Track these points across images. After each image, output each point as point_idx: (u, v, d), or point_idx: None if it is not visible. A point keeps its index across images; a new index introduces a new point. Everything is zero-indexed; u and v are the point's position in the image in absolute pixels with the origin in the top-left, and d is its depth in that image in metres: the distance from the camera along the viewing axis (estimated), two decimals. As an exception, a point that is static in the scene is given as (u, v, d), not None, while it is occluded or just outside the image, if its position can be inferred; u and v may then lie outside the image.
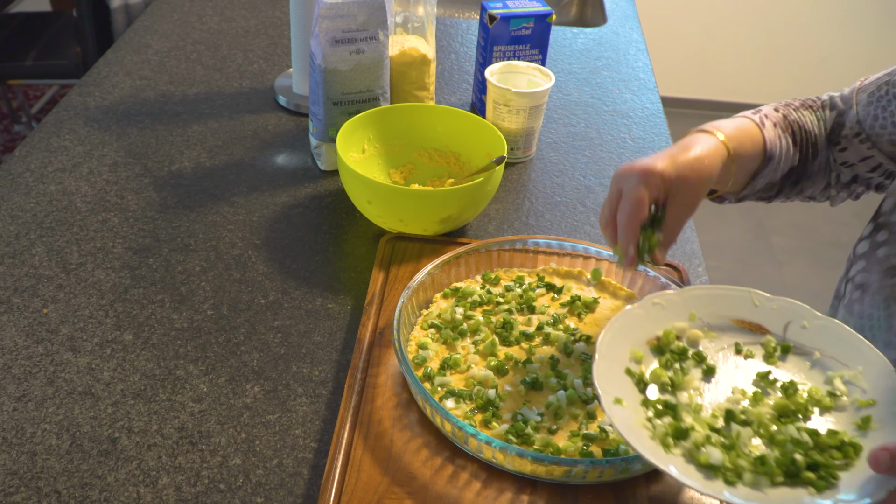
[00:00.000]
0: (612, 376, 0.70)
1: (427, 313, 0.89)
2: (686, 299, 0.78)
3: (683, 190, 0.77)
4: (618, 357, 0.73)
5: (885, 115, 0.86)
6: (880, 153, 0.89)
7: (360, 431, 0.76)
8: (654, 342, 0.75)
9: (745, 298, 0.79)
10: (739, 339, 0.77)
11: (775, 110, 0.92)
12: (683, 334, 0.77)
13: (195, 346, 0.87)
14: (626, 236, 0.76)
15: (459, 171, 1.12)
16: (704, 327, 0.77)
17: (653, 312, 0.77)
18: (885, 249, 0.80)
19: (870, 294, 0.79)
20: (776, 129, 0.88)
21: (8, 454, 0.75)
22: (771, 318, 0.78)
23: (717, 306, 0.78)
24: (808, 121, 0.92)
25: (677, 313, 0.77)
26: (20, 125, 3.06)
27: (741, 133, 0.84)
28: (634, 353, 0.74)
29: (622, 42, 1.61)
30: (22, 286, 0.93)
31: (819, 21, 3.34)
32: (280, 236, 1.03)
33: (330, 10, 1.02)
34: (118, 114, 1.25)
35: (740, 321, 0.78)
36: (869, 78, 0.92)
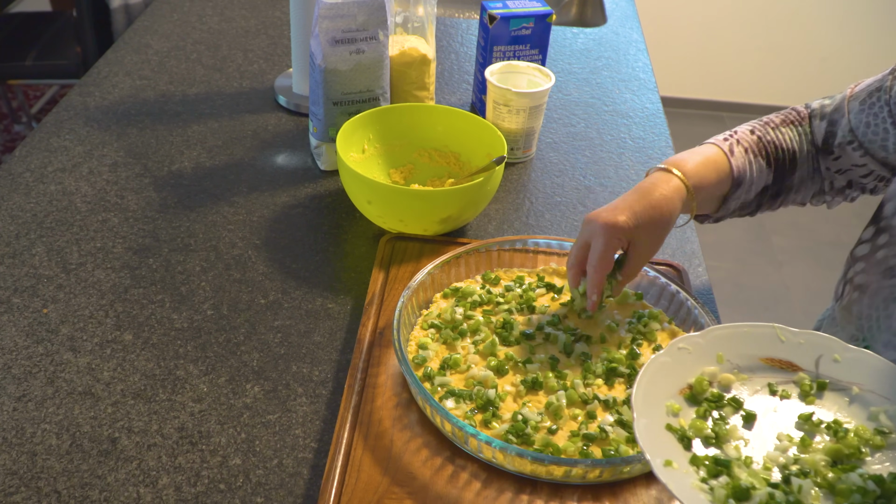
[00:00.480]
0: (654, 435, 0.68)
1: (427, 313, 0.89)
2: (710, 341, 0.76)
3: (644, 237, 0.83)
4: (655, 413, 0.70)
5: (876, 121, 0.87)
6: (873, 160, 0.89)
7: (360, 431, 0.76)
8: (686, 391, 0.73)
9: (771, 335, 0.77)
10: (772, 379, 0.75)
11: (751, 132, 0.93)
12: (715, 379, 0.74)
13: (195, 346, 0.87)
14: (593, 286, 0.83)
15: (459, 171, 1.12)
16: (734, 369, 0.75)
17: (680, 359, 0.74)
18: (885, 251, 0.80)
19: (868, 295, 0.79)
20: (747, 155, 0.90)
21: (8, 454, 0.75)
22: (800, 354, 0.76)
23: (744, 345, 0.76)
24: (786, 139, 0.93)
25: (704, 357, 0.75)
26: (20, 125, 3.06)
27: (704, 167, 0.87)
28: (671, 406, 0.71)
29: (622, 42, 1.61)
30: (22, 286, 0.93)
31: (819, 21, 3.34)
32: (280, 236, 1.03)
33: (330, 10, 1.02)
34: (118, 114, 1.25)
35: (769, 359, 0.76)
36: (859, 85, 0.92)
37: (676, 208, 0.84)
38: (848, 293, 0.83)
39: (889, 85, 0.86)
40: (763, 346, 0.77)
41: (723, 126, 3.55)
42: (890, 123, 0.85)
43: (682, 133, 3.45)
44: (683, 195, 0.85)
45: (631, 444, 0.75)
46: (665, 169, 0.86)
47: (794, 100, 3.50)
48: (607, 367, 0.82)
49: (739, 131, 0.93)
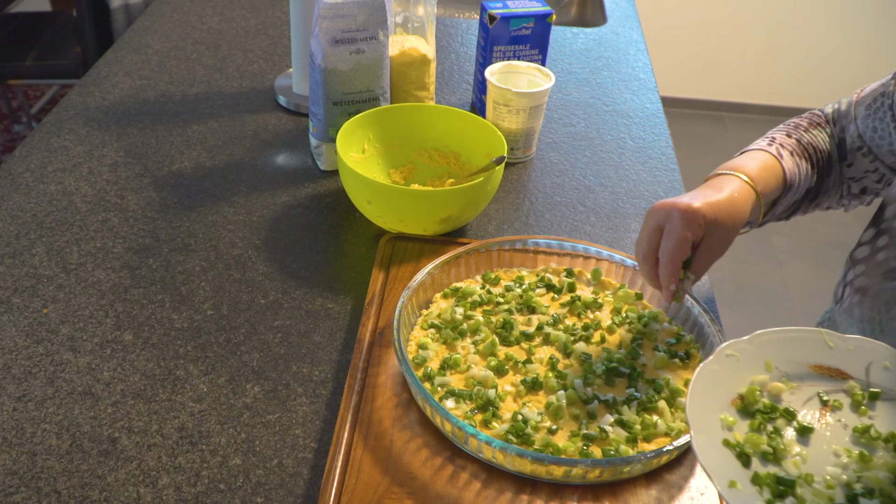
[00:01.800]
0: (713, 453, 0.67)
1: (427, 313, 0.89)
2: (758, 346, 0.75)
3: (717, 233, 0.79)
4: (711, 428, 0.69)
5: (882, 126, 0.87)
6: (883, 165, 0.90)
7: (360, 431, 0.76)
8: (738, 402, 0.72)
9: (818, 340, 0.76)
10: (821, 388, 0.74)
11: (787, 136, 0.92)
12: (765, 388, 0.73)
13: (195, 346, 0.87)
14: (669, 274, 0.78)
15: (459, 171, 1.12)
16: (783, 377, 0.74)
17: (728, 366, 0.73)
18: (885, 253, 0.80)
19: (870, 297, 0.79)
20: (794, 158, 0.89)
21: (8, 454, 0.75)
22: (849, 361, 0.75)
23: (791, 351, 0.75)
24: (820, 140, 0.92)
25: (752, 364, 0.74)
26: (20, 125, 3.06)
27: (765, 172, 0.85)
28: (725, 419, 0.70)
29: (622, 42, 1.61)
30: (22, 286, 0.93)
31: (819, 21, 3.34)
32: (280, 236, 1.03)
33: (330, 10, 1.02)
34: (118, 114, 1.25)
35: (818, 367, 0.75)
36: (865, 89, 0.92)
37: (747, 210, 0.81)
38: (849, 296, 0.83)
39: (892, 90, 0.86)
40: (811, 353, 0.75)
41: (723, 126, 3.55)
42: (893, 128, 0.85)
43: (682, 133, 3.45)
44: (752, 199, 0.82)
45: (631, 444, 0.75)
46: (732, 174, 0.83)
47: (793, 100, 3.50)
48: (607, 367, 0.82)
49: (778, 136, 0.92)
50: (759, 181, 0.84)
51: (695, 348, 0.86)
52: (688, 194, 0.80)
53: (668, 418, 0.78)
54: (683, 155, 1.94)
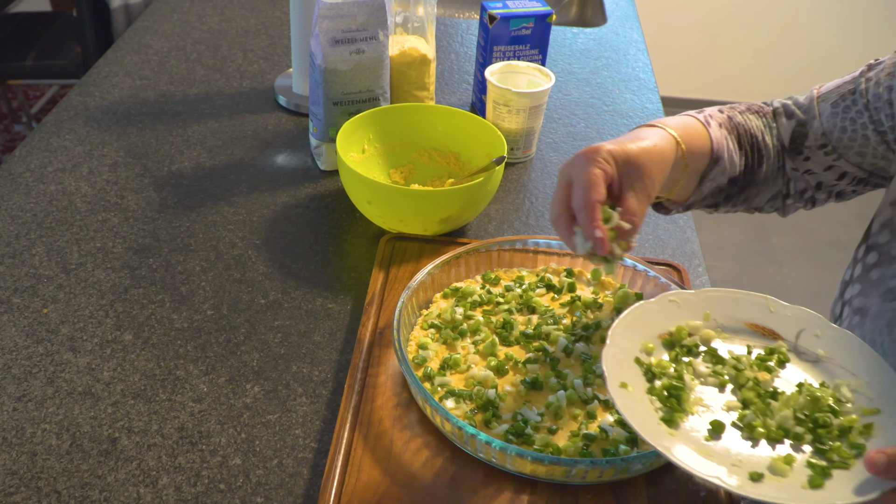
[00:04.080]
0: (620, 363, 0.71)
1: (427, 313, 0.89)
2: (702, 300, 0.79)
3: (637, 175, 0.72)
4: (628, 346, 0.73)
5: (854, 127, 0.83)
6: (847, 163, 0.85)
7: (360, 431, 0.76)
8: (666, 336, 0.76)
9: (762, 304, 0.79)
10: (751, 343, 0.77)
11: (719, 111, 0.88)
12: (696, 332, 0.77)
13: (195, 346, 0.87)
14: (588, 218, 0.69)
15: (459, 171, 1.12)
16: (718, 328, 0.78)
17: (667, 308, 0.77)
18: (878, 271, 0.78)
19: (870, 318, 0.77)
20: (722, 130, 0.84)
21: (8, 454, 0.75)
22: (784, 325, 0.78)
23: (733, 309, 0.79)
24: (753, 125, 0.88)
25: (692, 312, 0.78)
26: (20, 125, 3.06)
27: (689, 130, 0.80)
28: (645, 344, 0.74)
29: (622, 42, 1.61)
30: (22, 286, 0.93)
31: (819, 21, 3.34)
32: (280, 236, 1.03)
33: (330, 10, 1.02)
34: (118, 114, 1.25)
35: (754, 325, 0.79)
36: (825, 85, 0.88)
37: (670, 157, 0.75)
38: (848, 315, 0.81)
39: (864, 88, 0.83)
40: (751, 313, 0.79)
41: (723, 126, 3.55)
42: (871, 130, 0.82)
43: (682, 133, 3.45)
44: (675, 150, 0.77)
45: (631, 444, 0.75)
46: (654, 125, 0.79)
47: (794, 100, 3.50)
48: (607, 367, 0.82)
49: (708, 110, 0.88)
50: (682, 135, 0.78)
51: (695, 348, 0.86)
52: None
53: None
54: (683, 155, 1.92)
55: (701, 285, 1.00)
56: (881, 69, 0.82)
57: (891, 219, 0.77)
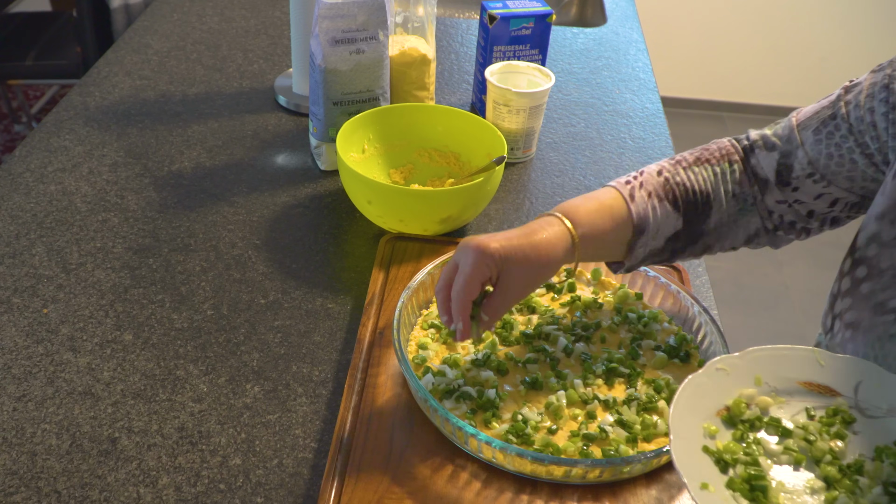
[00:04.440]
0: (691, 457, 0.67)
1: (427, 313, 0.89)
2: (749, 362, 0.75)
3: (514, 274, 0.77)
4: (692, 434, 0.70)
5: (840, 153, 0.81)
6: (838, 188, 0.84)
7: (360, 431, 0.76)
8: (724, 413, 0.72)
9: (810, 358, 0.75)
10: (809, 404, 0.74)
11: (658, 173, 0.87)
12: (752, 401, 0.73)
13: (195, 346, 0.87)
14: (458, 310, 0.77)
15: (459, 171, 1.12)
16: (772, 392, 0.74)
17: (717, 378, 0.73)
18: (868, 285, 0.77)
19: (862, 332, 0.76)
20: (651, 200, 0.85)
21: (8, 454, 0.75)
22: (839, 379, 0.74)
23: (782, 368, 0.75)
24: (700, 179, 0.87)
25: (742, 378, 0.74)
26: (20, 125, 3.06)
27: (599, 215, 0.82)
28: (708, 427, 0.70)
29: (622, 42, 1.61)
30: (22, 286, 0.93)
31: (819, 21, 3.34)
32: (280, 236, 1.03)
33: (330, 10, 1.02)
34: (118, 114, 1.25)
35: (808, 383, 0.75)
36: (802, 111, 0.86)
37: (558, 255, 0.79)
38: (840, 329, 0.79)
39: (845, 112, 0.81)
40: (802, 370, 0.75)
41: (723, 126, 3.55)
42: (858, 153, 0.80)
43: (682, 133, 3.45)
44: (567, 244, 0.80)
45: (631, 444, 0.75)
46: (556, 215, 0.81)
47: (793, 100, 3.50)
48: (607, 367, 0.82)
49: (646, 172, 0.88)
50: (583, 225, 0.81)
51: (695, 348, 0.86)
52: (498, 233, 0.79)
53: (668, 418, 0.78)
54: (683, 155, 1.92)
55: (701, 285, 1.00)
56: (859, 91, 0.80)
57: (878, 232, 0.76)
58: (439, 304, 0.79)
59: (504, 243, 0.77)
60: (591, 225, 0.82)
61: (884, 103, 0.77)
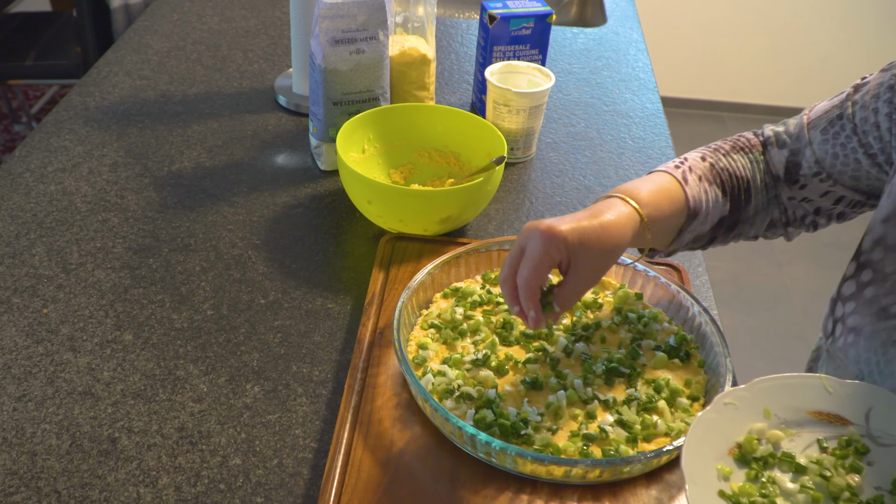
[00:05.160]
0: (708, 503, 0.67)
1: (427, 313, 0.89)
2: (756, 393, 0.74)
3: (586, 259, 0.74)
4: (707, 478, 0.69)
5: (845, 152, 0.82)
6: (843, 187, 0.85)
7: (360, 431, 0.76)
8: (735, 451, 0.71)
9: (818, 386, 0.74)
10: (820, 434, 0.73)
11: (702, 159, 0.87)
12: (763, 436, 0.72)
13: (195, 346, 0.87)
14: (527, 298, 0.74)
15: (459, 171, 1.12)
16: (782, 425, 0.73)
17: (726, 414, 0.72)
18: (872, 289, 0.76)
19: (864, 338, 0.75)
20: (701, 184, 0.84)
21: (8, 454, 0.75)
22: (848, 406, 0.73)
23: (790, 398, 0.74)
24: (739, 166, 0.87)
25: (751, 412, 0.73)
26: (20, 125, 3.06)
27: (659, 196, 0.81)
28: (722, 469, 0.69)
29: (622, 42, 1.61)
30: (22, 286, 0.93)
31: (819, 21, 3.34)
32: (280, 236, 1.03)
33: (330, 10, 1.02)
34: (118, 114, 1.25)
35: (817, 413, 0.74)
36: (815, 108, 0.87)
37: (627, 236, 0.76)
38: (842, 334, 0.79)
39: (850, 112, 0.81)
40: (810, 399, 0.74)
41: (723, 126, 3.55)
42: (862, 153, 0.80)
43: (682, 133, 3.45)
44: (636, 225, 0.78)
45: (631, 444, 0.75)
46: (620, 197, 0.79)
47: (793, 100, 3.50)
48: (607, 367, 0.82)
49: (690, 158, 0.87)
50: (648, 205, 0.79)
51: (695, 348, 0.86)
52: (563, 216, 0.76)
53: (668, 418, 0.78)
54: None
55: (701, 285, 1.00)
56: (866, 91, 0.81)
57: (883, 236, 0.76)
58: (506, 295, 0.76)
59: (574, 225, 0.73)
60: (655, 206, 0.80)
61: (888, 104, 0.77)
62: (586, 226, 0.74)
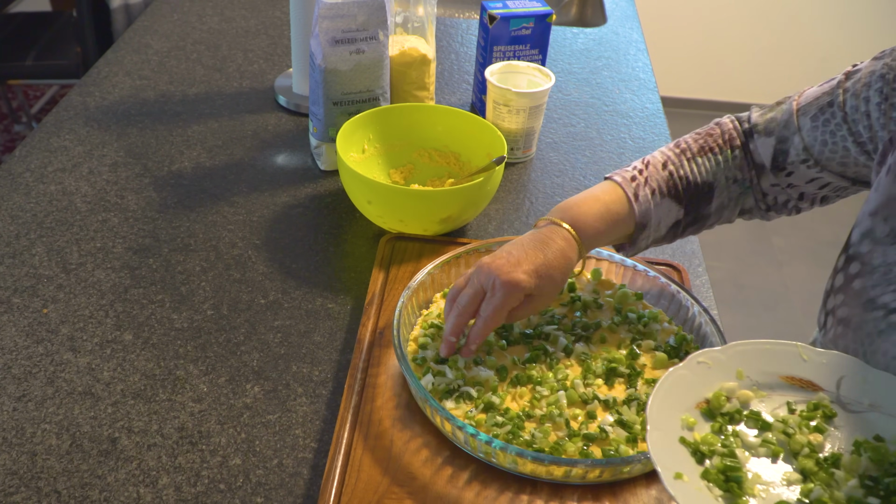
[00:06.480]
0: (666, 447, 0.67)
1: (427, 313, 0.89)
2: (731, 356, 0.75)
3: (538, 295, 0.82)
4: (670, 426, 0.69)
5: (834, 140, 0.82)
6: (830, 174, 0.85)
7: (360, 431, 0.76)
8: (703, 405, 0.72)
9: (793, 353, 0.75)
10: (791, 398, 0.73)
11: (663, 166, 0.89)
12: (733, 394, 0.73)
13: (195, 346, 0.87)
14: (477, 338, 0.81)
15: (459, 171, 1.12)
16: (753, 386, 0.74)
17: (698, 372, 0.73)
18: (860, 281, 0.77)
19: (852, 329, 0.76)
20: (653, 197, 0.87)
21: (8, 454, 0.75)
22: (822, 374, 0.74)
23: (765, 363, 0.75)
24: (701, 171, 0.89)
25: (724, 372, 0.74)
26: (20, 125, 3.06)
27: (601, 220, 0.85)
28: (686, 419, 0.70)
29: (622, 42, 1.61)
30: (22, 286, 0.93)
31: (819, 21, 3.34)
32: (280, 236, 1.03)
33: (330, 10, 1.02)
34: (118, 114, 1.25)
35: (790, 378, 0.75)
36: (804, 94, 0.87)
37: (572, 262, 0.83)
38: (832, 326, 0.79)
39: (842, 100, 0.81)
40: (785, 364, 0.75)
41: (723, 126, 3.55)
42: (851, 142, 0.80)
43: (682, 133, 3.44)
44: (576, 251, 0.84)
45: (631, 444, 0.75)
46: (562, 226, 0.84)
47: (794, 100, 3.50)
48: (607, 367, 0.82)
49: (651, 165, 0.90)
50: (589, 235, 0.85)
51: (694, 348, 0.86)
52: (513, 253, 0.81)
53: None
54: (683, 155, 1.93)
55: (701, 285, 1.00)
56: (857, 79, 0.80)
57: (871, 229, 0.76)
58: (454, 325, 0.81)
59: (530, 270, 0.80)
60: (595, 230, 0.85)
61: (878, 93, 0.77)
62: (541, 263, 0.81)
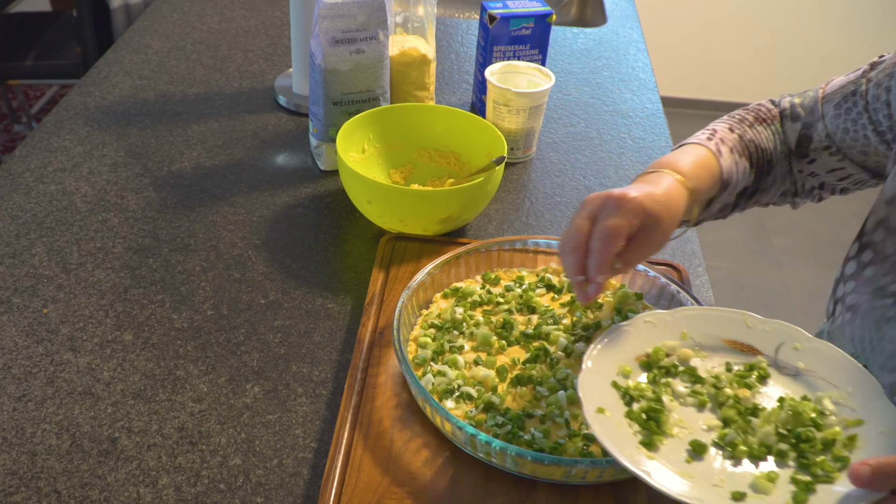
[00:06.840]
0: (597, 388, 0.70)
1: (427, 313, 0.89)
2: (678, 319, 0.78)
3: (654, 227, 0.74)
4: (605, 370, 0.72)
5: (855, 128, 0.83)
6: (851, 164, 0.86)
7: (360, 431, 0.76)
8: (643, 358, 0.74)
9: (738, 320, 0.78)
10: (730, 359, 0.76)
11: (730, 130, 0.87)
12: (674, 352, 0.76)
13: (195, 346, 0.87)
14: (600, 263, 0.72)
15: (459, 171, 1.12)
16: (695, 346, 0.76)
17: (643, 330, 0.76)
18: (872, 270, 0.78)
19: (860, 315, 0.77)
20: (733, 155, 0.84)
21: (8, 454, 0.75)
22: (763, 340, 0.77)
23: (710, 327, 0.78)
24: (763, 138, 0.88)
25: (669, 332, 0.77)
26: (20, 125, 3.06)
27: (700, 170, 0.81)
28: (623, 367, 0.73)
29: (622, 42, 1.61)
30: (22, 286, 0.93)
31: (819, 21, 3.34)
32: (280, 236, 1.03)
33: (330, 10, 1.02)
34: (118, 114, 1.25)
35: (732, 342, 0.77)
36: (831, 83, 0.88)
37: (682, 206, 0.77)
38: (840, 313, 0.80)
39: (864, 89, 0.82)
40: (729, 329, 0.78)
41: (723, 126, 3.55)
42: (871, 130, 0.82)
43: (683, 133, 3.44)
44: (686, 197, 0.78)
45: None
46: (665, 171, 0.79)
47: (794, 100, 3.50)
48: (607, 367, 0.82)
49: (720, 130, 0.88)
50: (692, 178, 0.79)
51: (695, 348, 0.86)
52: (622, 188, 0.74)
53: None
54: (683, 155, 1.93)
55: (701, 285, 1.00)
56: (881, 69, 0.82)
57: (886, 217, 0.77)
58: (571, 264, 0.73)
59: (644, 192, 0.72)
60: (699, 180, 0.80)
61: None
62: (655, 195, 0.74)
